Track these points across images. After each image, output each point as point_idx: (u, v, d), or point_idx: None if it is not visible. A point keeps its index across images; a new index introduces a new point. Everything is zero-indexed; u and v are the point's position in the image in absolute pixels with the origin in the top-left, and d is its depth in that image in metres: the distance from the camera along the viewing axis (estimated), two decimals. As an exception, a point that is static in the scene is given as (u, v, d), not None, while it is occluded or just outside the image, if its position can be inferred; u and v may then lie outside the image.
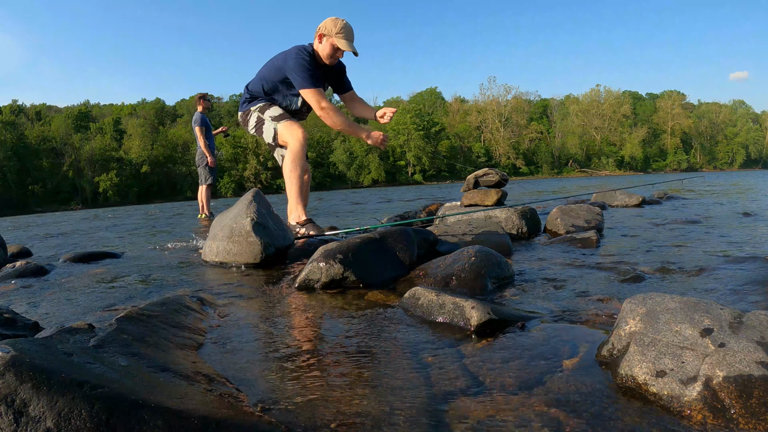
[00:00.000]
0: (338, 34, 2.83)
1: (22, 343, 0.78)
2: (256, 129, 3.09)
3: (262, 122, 3.05)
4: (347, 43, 2.86)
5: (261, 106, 3.05)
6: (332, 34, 2.84)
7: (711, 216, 4.16)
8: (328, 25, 2.85)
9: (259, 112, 3.05)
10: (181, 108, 63.39)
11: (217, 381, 0.97)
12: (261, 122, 3.05)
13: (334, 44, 2.87)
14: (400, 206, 7.93)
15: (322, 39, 2.88)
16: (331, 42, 2.86)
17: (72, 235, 5.59)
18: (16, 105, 58.19)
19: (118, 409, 0.69)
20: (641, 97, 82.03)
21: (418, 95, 71.63)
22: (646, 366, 0.91)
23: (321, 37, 2.88)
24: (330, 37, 2.86)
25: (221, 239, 2.43)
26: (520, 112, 68.82)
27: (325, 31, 2.86)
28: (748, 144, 76.75)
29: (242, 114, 3.16)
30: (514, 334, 1.25)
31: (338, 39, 2.84)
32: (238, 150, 54.45)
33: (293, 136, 2.93)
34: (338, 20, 2.85)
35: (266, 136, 3.05)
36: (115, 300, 1.84)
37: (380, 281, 1.89)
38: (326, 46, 2.88)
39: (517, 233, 3.17)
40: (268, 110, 3.03)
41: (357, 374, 1.04)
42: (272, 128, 2.99)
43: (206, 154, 7.16)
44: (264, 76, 3.03)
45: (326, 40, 2.87)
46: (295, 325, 1.43)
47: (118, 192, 50.89)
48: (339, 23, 2.84)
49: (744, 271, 1.85)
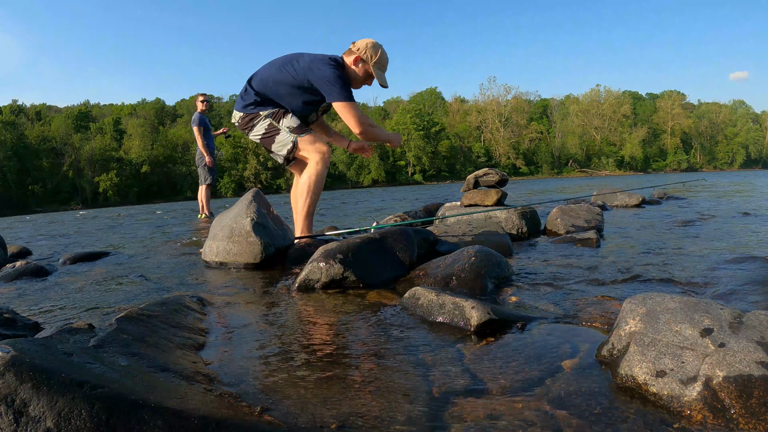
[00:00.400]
0: (377, 64, 2.68)
1: (22, 343, 0.78)
2: (264, 138, 2.74)
3: (275, 132, 2.70)
4: (382, 75, 2.71)
5: (274, 113, 2.69)
6: (370, 62, 2.66)
7: (711, 216, 4.16)
8: (369, 50, 2.65)
9: (272, 119, 2.70)
10: (181, 108, 63.42)
11: (217, 381, 0.97)
12: (274, 131, 2.71)
13: (370, 72, 2.69)
14: (401, 206, 7.93)
15: (357, 62, 2.67)
16: (367, 69, 2.68)
17: (72, 235, 5.59)
18: (16, 105, 58.21)
19: (118, 409, 0.69)
20: (641, 97, 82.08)
21: (418, 95, 71.71)
22: (646, 366, 0.91)
23: (357, 60, 2.66)
24: (367, 64, 2.67)
25: (221, 239, 2.43)
26: (520, 112, 68.88)
27: (364, 56, 2.65)
28: (748, 144, 76.80)
29: (244, 116, 2.74)
30: (514, 334, 1.25)
31: (375, 69, 2.68)
32: (238, 150, 54.46)
33: (318, 152, 2.67)
34: (379, 47, 2.68)
35: (278, 147, 2.72)
36: (115, 300, 1.84)
37: (380, 281, 1.89)
38: (361, 70, 2.68)
39: (517, 233, 3.17)
40: (285, 119, 2.69)
41: (357, 374, 1.04)
42: (290, 141, 2.68)
43: (204, 154, 7.17)
44: (278, 80, 2.67)
45: (362, 65, 2.68)
46: (295, 325, 1.42)
47: (118, 192, 50.92)
48: (380, 52, 2.67)
49: (744, 271, 1.85)
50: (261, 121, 2.72)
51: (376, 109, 73.48)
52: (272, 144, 2.74)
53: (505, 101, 69.89)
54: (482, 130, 68.83)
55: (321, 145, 2.68)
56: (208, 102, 7.38)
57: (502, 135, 67.14)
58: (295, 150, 2.71)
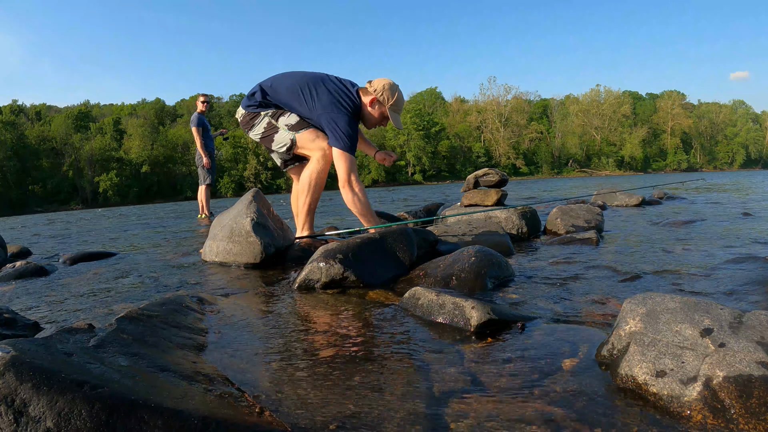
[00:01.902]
0: (393, 107, 2.65)
1: (22, 343, 0.78)
2: (264, 137, 2.74)
3: (274, 130, 2.69)
4: (398, 118, 2.70)
5: (273, 112, 2.70)
6: (387, 104, 2.64)
7: (711, 216, 4.16)
8: (386, 93, 2.62)
9: (271, 118, 2.69)
10: (181, 108, 63.42)
11: (217, 381, 0.97)
12: (273, 130, 2.69)
13: (386, 116, 2.69)
14: (401, 206, 7.93)
15: (374, 104, 2.65)
16: (383, 112, 2.67)
17: (72, 235, 5.59)
18: (16, 105, 58.22)
19: (118, 409, 0.69)
20: (641, 97, 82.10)
21: (418, 95, 71.70)
22: (646, 366, 0.91)
23: (374, 102, 2.64)
24: (384, 107, 2.65)
25: (221, 239, 2.43)
26: (520, 112, 68.89)
27: (380, 98, 2.63)
28: (748, 144, 76.83)
29: (246, 114, 2.76)
30: (514, 334, 1.25)
31: (391, 113, 2.66)
32: (238, 150, 54.47)
33: (319, 148, 2.61)
34: (396, 90, 2.65)
35: (277, 146, 2.71)
36: (115, 300, 1.84)
37: (380, 281, 1.89)
38: (377, 112, 2.67)
39: (517, 233, 3.17)
40: (283, 117, 2.67)
41: (357, 374, 1.04)
42: (288, 138, 2.66)
43: (202, 154, 7.17)
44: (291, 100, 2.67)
45: (378, 107, 2.66)
46: (295, 326, 1.42)
47: (118, 192, 50.95)
48: (397, 95, 2.65)
49: (744, 271, 1.85)
50: (261, 121, 2.72)
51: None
52: (272, 143, 2.73)
53: (505, 101, 69.90)
54: (482, 130, 68.82)
55: (321, 142, 2.62)
56: (209, 103, 7.39)
57: (502, 135, 67.14)
58: (294, 147, 2.68)
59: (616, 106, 69.80)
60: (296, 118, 2.67)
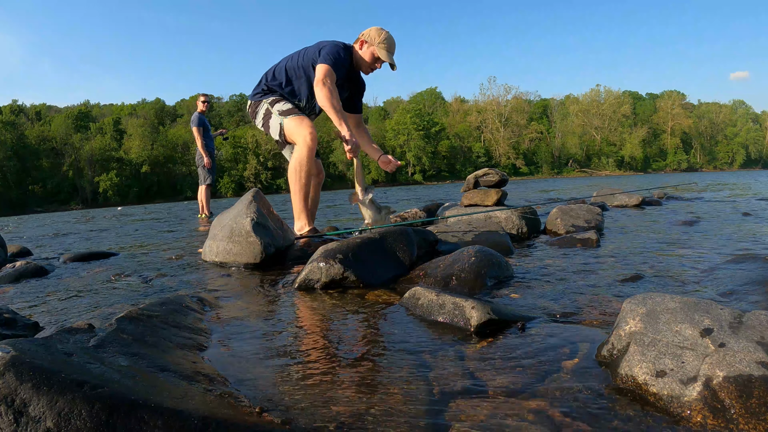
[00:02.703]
0: (381, 44, 2.78)
1: (22, 343, 0.78)
2: (264, 123, 2.94)
3: (269, 115, 2.88)
4: (388, 54, 2.80)
5: (272, 99, 2.89)
6: (375, 43, 2.79)
7: (711, 216, 4.16)
8: (372, 33, 2.80)
9: (269, 105, 2.89)
10: (181, 108, 63.42)
11: (217, 381, 0.97)
12: (269, 115, 2.89)
13: (375, 53, 2.81)
14: (401, 206, 7.93)
15: (363, 45, 2.82)
16: (372, 50, 2.80)
17: (72, 235, 5.59)
18: (16, 105, 58.23)
19: (118, 409, 0.69)
20: (641, 97, 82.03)
21: (418, 95, 71.70)
22: (646, 366, 0.91)
23: (363, 44, 2.83)
24: (372, 46, 2.80)
25: (221, 239, 2.43)
26: (520, 112, 68.87)
27: (368, 39, 2.80)
28: (748, 144, 76.79)
29: (252, 104, 2.99)
30: (514, 334, 1.25)
31: (380, 49, 2.78)
32: (238, 150, 54.47)
33: (300, 135, 2.73)
34: (382, 31, 2.80)
35: (272, 131, 2.90)
36: (115, 300, 1.84)
37: (380, 281, 1.89)
38: (366, 53, 2.82)
39: (517, 233, 3.17)
40: (278, 104, 2.86)
41: (357, 374, 1.04)
42: (278, 123, 2.83)
43: (203, 154, 7.17)
44: (291, 66, 2.88)
45: (367, 47, 2.82)
46: (294, 325, 1.42)
47: (118, 192, 50.95)
48: (383, 33, 2.79)
49: (744, 271, 1.85)
50: (261, 107, 2.92)
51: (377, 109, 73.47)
52: (269, 129, 2.91)
53: (505, 101, 69.90)
54: (482, 130, 68.81)
55: (304, 128, 2.72)
56: (209, 102, 7.39)
57: (502, 135, 67.12)
58: (283, 133, 2.84)
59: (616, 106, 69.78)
60: (289, 105, 2.85)
